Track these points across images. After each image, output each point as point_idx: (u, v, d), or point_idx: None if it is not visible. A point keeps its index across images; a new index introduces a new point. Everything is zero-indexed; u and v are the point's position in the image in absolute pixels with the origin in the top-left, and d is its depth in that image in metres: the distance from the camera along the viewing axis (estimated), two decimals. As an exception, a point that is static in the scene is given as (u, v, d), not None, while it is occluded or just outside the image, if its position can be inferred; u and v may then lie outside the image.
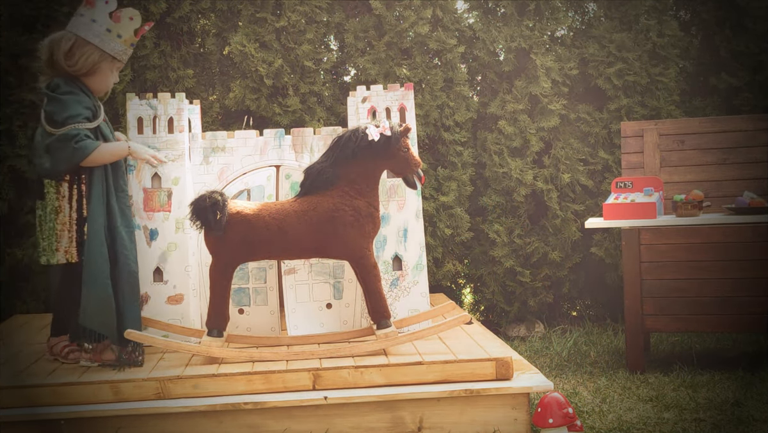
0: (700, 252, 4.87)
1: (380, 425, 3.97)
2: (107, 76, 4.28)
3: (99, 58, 4.20)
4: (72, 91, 4.17)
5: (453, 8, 6.19)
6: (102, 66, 4.23)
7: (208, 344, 4.23)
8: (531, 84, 6.12)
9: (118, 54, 4.25)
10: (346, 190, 4.25)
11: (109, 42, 4.21)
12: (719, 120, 5.32)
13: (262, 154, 4.72)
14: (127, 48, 4.27)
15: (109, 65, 4.26)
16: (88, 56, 4.18)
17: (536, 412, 3.92)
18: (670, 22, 6.14)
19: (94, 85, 4.27)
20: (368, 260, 4.24)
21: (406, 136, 4.26)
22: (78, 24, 4.20)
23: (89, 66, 4.19)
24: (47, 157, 4.14)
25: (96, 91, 4.28)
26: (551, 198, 6.14)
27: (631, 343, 4.96)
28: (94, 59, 4.19)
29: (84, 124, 4.14)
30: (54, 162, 4.14)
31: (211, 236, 4.20)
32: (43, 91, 4.20)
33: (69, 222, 4.20)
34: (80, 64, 4.18)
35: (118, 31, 4.22)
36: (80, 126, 4.12)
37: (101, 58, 4.21)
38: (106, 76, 4.27)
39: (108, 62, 4.24)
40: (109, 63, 4.25)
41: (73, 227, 4.21)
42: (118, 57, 4.26)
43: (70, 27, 4.21)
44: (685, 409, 4.32)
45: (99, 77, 4.25)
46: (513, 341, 6.01)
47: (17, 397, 3.91)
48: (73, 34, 4.19)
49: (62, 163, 4.13)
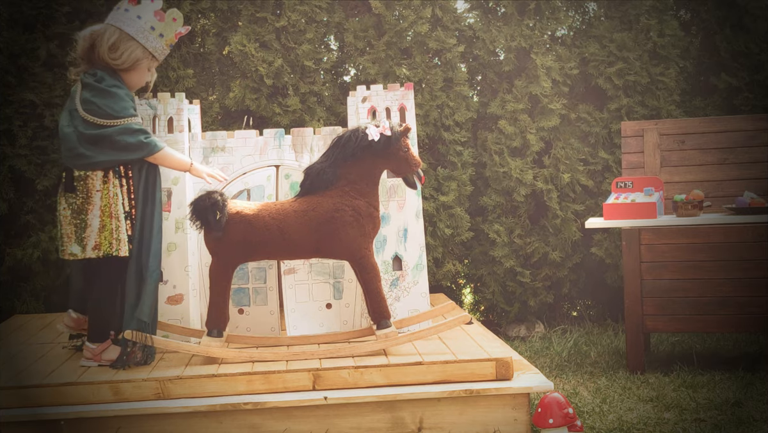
0: (700, 252, 4.87)
1: (380, 426, 3.97)
2: (144, 73, 4.30)
3: (141, 55, 4.22)
4: (118, 85, 4.19)
5: (453, 8, 6.19)
6: (142, 63, 4.25)
7: (208, 344, 4.23)
8: (531, 84, 6.12)
9: (158, 53, 4.28)
10: (346, 190, 4.25)
11: (152, 40, 4.23)
12: (719, 120, 5.32)
13: (261, 154, 4.72)
14: (166, 48, 4.30)
15: (148, 63, 4.28)
16: (131, 51, 4.20)
17: (536, 412, 3.91)
18: (671, 21, 6.14)
19: (131, 81, 4.28)
20: (368, 260, 4.24)
21: (406, 136, 4.26)
22: (122, 18, 4.20)
23: (132, 61, 4.20)
24: (93, 149, 4.10)
25: (131, 87, 4.29)
26: (551, 198, 6.14)
27: (632, 343, 4.96)
28: (137, 55, 4.21)
29: (132, 119, 4.14)
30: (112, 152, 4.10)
31: (210, 236, 4.20)
32: (85, 80, 4.16)
33: (112, 215, 4.15)
34: (123, 58, 4.19)
35: (161, 30, 4.24)
36: (131, 120, 4.12)
37: (143, 55, 4.23)
38: (143, 73, 4.29)
39: (147, 60, 4.27)
40: (148, 61, 4.27)
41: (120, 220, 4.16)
42: (157, 56, 4.29)
43: (113, 21, 4.20)
44: (685, 409, 4.32)
45: (137, 74, 4.27)
46: (513, 341, 6.01)
47: (17, 397, 3.91)
48: (116, 29, 4.19)
49: (123, 155, 4.10)
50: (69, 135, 4.14)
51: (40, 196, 6.00)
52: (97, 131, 4.09)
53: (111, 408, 3.90)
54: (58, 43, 5.95)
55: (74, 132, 4.13)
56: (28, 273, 6.01)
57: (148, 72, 4.31)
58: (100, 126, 4.10)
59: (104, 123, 4.10)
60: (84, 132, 4.11)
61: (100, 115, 4.10)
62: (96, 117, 4.10)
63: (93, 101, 4.11)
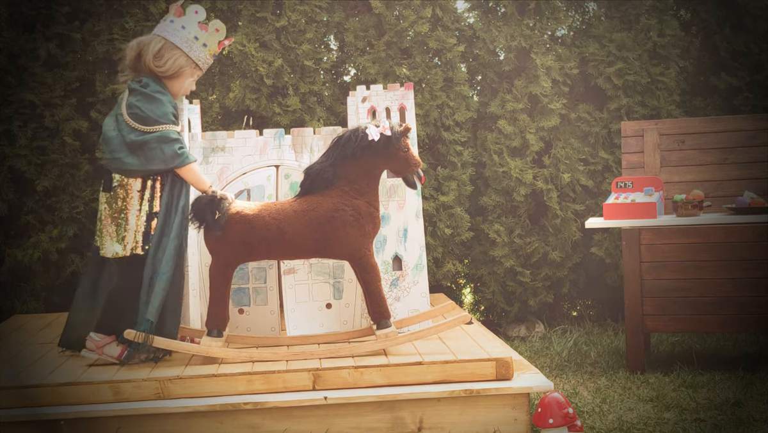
0: (700, 252, 4.87)
1: (380, 425, 3.97)
2: (187, 82, 4.43)
3: (184, 63, 4.36)
4: (161, 91, 4.32)
5: (453, 8, 6.19)
6: (185, 71, 4.39)
7: (208, 344, 4.23)
8: (531, 84, 6.12)
9: (201, 62, 4.41)
10: (346, 190, 4.24)
11: (195, 49, 4.37)
12: (719, 120, 5.32)
13: (261, 154, 4.72)
14: (209, 58, 4.43)
15: (191, 71, 4.41)
16: (175, 59, 4.34)
17: (536, 412, 3.91)
18: (671, 21, 6.14)
19: (174, 89, 4.40)
20: (368, 259, 4.24)
21: (406, 136, 4.26)
22: (168, 29, 4.36)
23: (175, 69, 4.35)
24: (131, 156, 4.22)
25: (174, 95, 4.42)
26: (551, 198, 6.14)
27: (632, 343, 4.96)
28: (180, 63, 4.35)
29: (171, 125, 4.25)
30: (146, 160, 4.22)
31: (210, 235, 4.20)
32: (131, 86, 4.31)
33: (138, 216, 4.27)
34: (168, 65, 4.33)
35: (205, 40, 4.39)
36: (170, 128, 4.23)
37: (186, 63, 4.37)
38: (186, 82, 4.42)
39: (191, 68, 4.40)
40: (191, 69, 4.40)
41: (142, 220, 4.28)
42: (201, 65, 4.42)
43: (159, 31, 4.37)
44: (685, 409, 4.32)
45: (180, 82, 4.40)
46: (513, 341, 6.01)
47: (17, 397, 3.91)
48: (162, 38, 4.35)
49: (157, 163, 4.23)
50: (112, 139, 4.28)
51: (40, 196, 6.00)
52: (139, 138, 4.22)
53: (111, 408, 3.90)
54: (58, 43, 5.95)
55: (117, 136, 4.27)
56: (28, 273, 6.01)
57: (190, 80, 4.44)
58: (141, 132, 4.23)
59: (145, 129, 4.23)
60: (126, 137, 4.24)
61: (143, 120, 4.24)
62: (138, 122, 4.24)
63: (137, 105, 4.25)
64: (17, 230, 6.02)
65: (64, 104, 5.93)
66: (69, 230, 5.96)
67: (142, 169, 4.24)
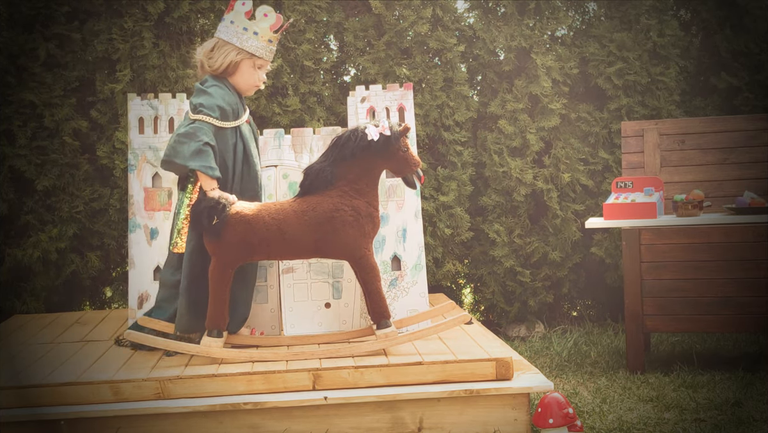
0: (700, 252, 4.87)
1: (380, 425, 3.97)
2: (249, 74, 4.44)
3: (237, 56, 4.40)
4: (218, 85, 4.37)
5: (453, 8, 6.19)
6: (242, 64, 4.42)
7: (208, 344, 4.23)
8: (531, 83, 6.12)
9: (257, 51, 4.41)
10: (346, 190, 4.24)
11: (246, 40, 4.39)
12: (719, 120, 5.32)
13: (261, 154, 4.71)
14: (264, 44, 4.43)
15: (249, 62, 4.43)
16: (225, 54, 4.39)
17: (536, 412, 3.91)
18: (671, 21, 6.14)
19: (238, 84, 4.45)
20: (368, 260, 4.24)
21: (406, 135, 4.26)
22: (220, 28, 4.44)
23: (227, 63, 4.39)
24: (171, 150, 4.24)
25: (242, 91, 4.47)
26: (551, 198, 6.14)
27: (631, 343, 4.96)
28: (231, 57, 4.39)
29: (211, 118, 4.27)
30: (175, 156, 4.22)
31: (209, 237, 4.20)
32: (195, 86, 4.41)
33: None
34: (219, 62, 4.39)
35: (254, 28, 4.40)
36: (209, 119, 4.25)
37: (239, 56, 4.40)
38: (248, 74, 4.44)
39: (248, 60, 4.42)
40: (249, 61, 4.42)
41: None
42: (257, 54, 4.42)
43: (216, 32, 4.46)
44: (685, 409, 4.32)
45: (241, 75, 4.43)
46: (513, 341, 6.00)
47: (17, 397, 3.91)
48: (216, 38, 4.44)
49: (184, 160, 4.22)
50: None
51: (40, 196, 6.00)
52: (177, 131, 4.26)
53: (111, 408, 3.90)
54: (58, 43, 5.95)
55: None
56: (28, 273, 6.01)
57: (256, 72, 4.45)
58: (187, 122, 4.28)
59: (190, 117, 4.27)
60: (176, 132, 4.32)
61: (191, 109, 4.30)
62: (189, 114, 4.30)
63: (191, 100, 4.35)
64: (17, 230, 6.02)
65: (63, 104, 5.92)
66: (69, 230, 5.96)
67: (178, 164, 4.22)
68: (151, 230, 4.69)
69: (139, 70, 5.94)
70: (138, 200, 4.70)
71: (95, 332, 5.12)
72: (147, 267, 4.68)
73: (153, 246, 4.68)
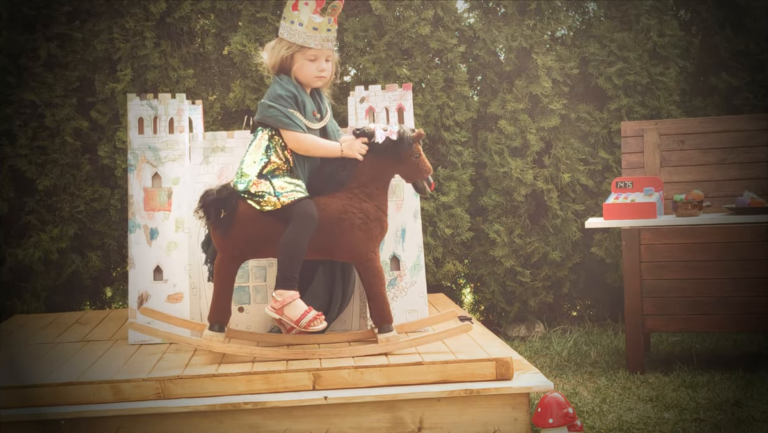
0: (700, 252, 4.87)
1: (380, 425, 3.97)
2: (305, 66, 4.42)
3: (287, 51, 4.40)
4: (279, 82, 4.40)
5: (453, 8, 6.19)
6: (296, 57, 4.41)
7: (210, 339, 4.23)
8: (531, 84, 6.12)
9: (305, 41, 4.39)
10: (356, 192, 4.25)
11: (293, 32, 4.40)
12: (719, 120, 5.32)
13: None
14: (310, 32, 4.39)
15: (302, 55, 4.41)
16: (278, 51, 4.42)
17: (536, 412, 3.92)
18: (671, 21, 6.14)
19: (299, 77, 4.44)
20: (374, 263, 4.24)
21: (419, 141, 4.26)
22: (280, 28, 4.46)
23: (280, 59, 4.42)
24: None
25: (305, 84, 4.46)
26: (551, 198, 6.14)
27: (631, 343, 4.96)
28: (282, 53, 4.41)
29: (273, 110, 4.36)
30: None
31: (216, 231, 4.20)
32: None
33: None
34: (274, 59, 4.44)
35: (299, 19, 4.39)
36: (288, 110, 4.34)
37: (290, 50, 4.40)
38: (304, 66, 4.42)
39: (300, 53, 4.41)
40: (301, 53, 4.41)
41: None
42: (306, 44, 4.39)
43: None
44: (685, 409, 4.33)
45: (299, 69, 4.42)
46: (513, 341, 6.01)
47: (17, 397, 3.91)
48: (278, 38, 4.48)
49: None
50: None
51: (41, 196, 6.01)
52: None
53: (111, 408, 3.90)
54: (58, 43, 5.96)
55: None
56: (28, 273, 6.01)
57: (313, 63, 4.42)
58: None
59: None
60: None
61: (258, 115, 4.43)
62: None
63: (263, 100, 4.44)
64: (18, 230, 6.02)
65: (64, 104, 5.93)
66: (69, 230, 5.97)
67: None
68: (151, 230, 4.70)
69: (140, 70, 5.94)
70: (138, 200, 4.70)
71: (95, 332, 5.12)
72: (147, 267, 4.68)
73: (153, 246, 4.68)
